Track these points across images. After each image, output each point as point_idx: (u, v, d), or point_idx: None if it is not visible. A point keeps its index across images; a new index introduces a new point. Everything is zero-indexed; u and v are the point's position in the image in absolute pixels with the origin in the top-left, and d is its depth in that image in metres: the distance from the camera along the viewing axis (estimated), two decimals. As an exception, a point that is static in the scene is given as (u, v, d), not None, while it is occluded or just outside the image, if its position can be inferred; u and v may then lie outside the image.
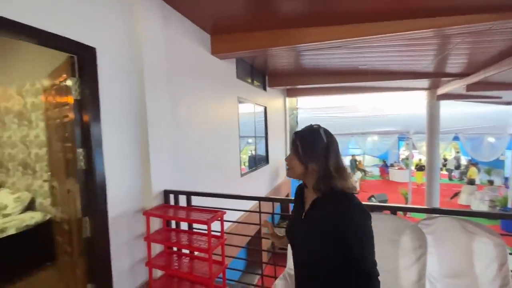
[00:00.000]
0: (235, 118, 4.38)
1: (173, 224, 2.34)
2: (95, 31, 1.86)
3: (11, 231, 2.50)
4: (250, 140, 5.80)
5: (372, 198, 9.47)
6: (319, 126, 0.93)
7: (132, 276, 2.14)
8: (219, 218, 2.04)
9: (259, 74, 5.85)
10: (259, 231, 2.21)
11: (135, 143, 2.20)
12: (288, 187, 8.10)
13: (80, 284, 2.01)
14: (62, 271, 2.42)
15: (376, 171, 15.25)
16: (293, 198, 1.12)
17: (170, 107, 2.55)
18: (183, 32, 2.88)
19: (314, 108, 9.38)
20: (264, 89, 6.14)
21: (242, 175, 4.64)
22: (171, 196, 2.37)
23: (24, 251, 2.57)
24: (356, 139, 10.70)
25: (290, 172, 0.97)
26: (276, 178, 6.87)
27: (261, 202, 2.14)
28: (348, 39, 2.99)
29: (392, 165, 14.77)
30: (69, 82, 1.87)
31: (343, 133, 9.67)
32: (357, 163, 14.45)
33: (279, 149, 7.50)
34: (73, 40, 1.72)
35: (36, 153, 2.92)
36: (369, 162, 16.16)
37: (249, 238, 3.09)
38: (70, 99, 1.88)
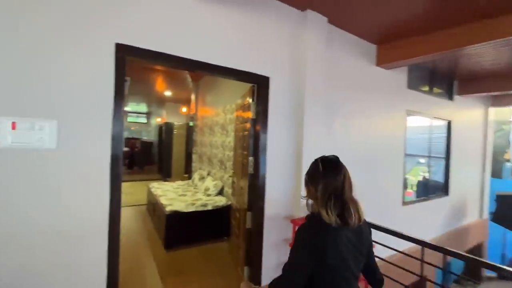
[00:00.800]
0: (401, 134, 3.74)
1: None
2: (270, 64, 2.29)
3: (209, 207, 3.60)
4: (422, 160, 4.71)
5: None
6: (320, 158, 1.06)
7: (276, 275, 2.39)
8: (365, 250, 1.83)
9: (443, 80, 4.61)
10: (417, 283, 1.72)
11: (291, 155, 2.46)
12: (483, 234, 5.66)
13: (241, 264, 2.53)
14: (232, 248, 3.15)
15: None
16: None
17: (325, 123, 2.63)
18: (344, 48, 2.87)
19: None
20: (450, 98, 4.76)
21: (404, 203, 3.85)
22: (317, 211, 2.41)
23: (214, 223, 3.61)
24: None
25: None
26: (459, 218, 5.07)
27: (424, 248, 1.67)
28: None
29: None
30: (250, 104, 2.42)
31: None
32: None
33: (471, 178, 5.48)
34: (256, 74, 2.23)
35: (228, 154, 4.03)
36: None
37: None
38: (250, 117, 2.43)
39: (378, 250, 1.93)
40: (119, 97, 1.63)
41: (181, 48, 1.84)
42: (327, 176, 0.99)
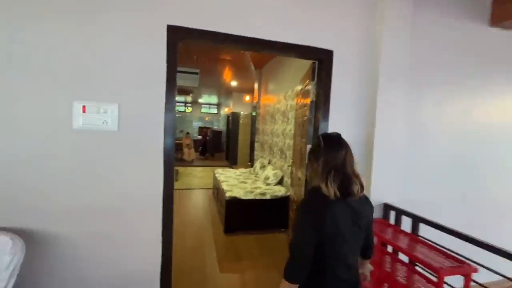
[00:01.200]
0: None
1: (389, 247, 1.94)
2: (334, 35, 1.93)
3: (268, 197, 3.50)
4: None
5: None
6: (322, 134, 1.10)
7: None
8: (465, 274, 1.36)
9: None
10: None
11: (359, 143, 2.06)
12: None
13: (296, 260, 2.33)
14: (288, 240, 2.98)
15: None
16: None
17: (407, 106, 2.10)
18: (439, 7, 2.19)
19: None
20: None
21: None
22: (392, 213, 1.97)
23: (272, 213, 3.50)
24: None
25: None
26: None
27: None
28: None
29: None
30: (310, 86, 2.13)
31: None
32: None
33: None
34: (317, 48, 1.91)
35: (288, 143, 3.81)
36: None
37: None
38: (308, 101, 2.15)
39: (478, 275, 1.42)
40: (171, 81, 1.63)
41: (233, 26, 1.71)
42: (329, 151, 1.02)
